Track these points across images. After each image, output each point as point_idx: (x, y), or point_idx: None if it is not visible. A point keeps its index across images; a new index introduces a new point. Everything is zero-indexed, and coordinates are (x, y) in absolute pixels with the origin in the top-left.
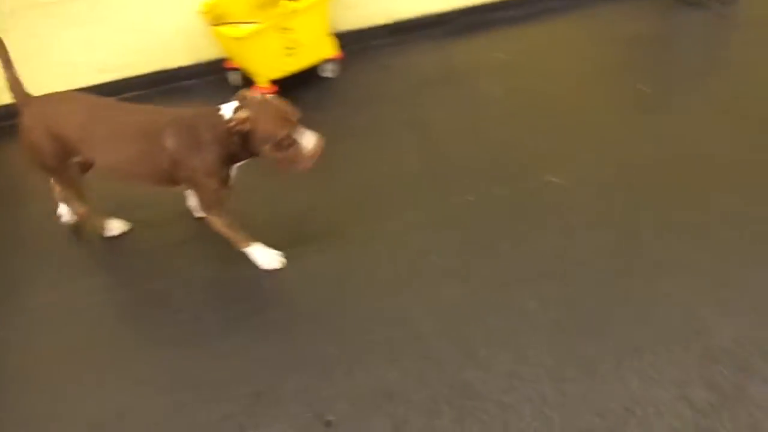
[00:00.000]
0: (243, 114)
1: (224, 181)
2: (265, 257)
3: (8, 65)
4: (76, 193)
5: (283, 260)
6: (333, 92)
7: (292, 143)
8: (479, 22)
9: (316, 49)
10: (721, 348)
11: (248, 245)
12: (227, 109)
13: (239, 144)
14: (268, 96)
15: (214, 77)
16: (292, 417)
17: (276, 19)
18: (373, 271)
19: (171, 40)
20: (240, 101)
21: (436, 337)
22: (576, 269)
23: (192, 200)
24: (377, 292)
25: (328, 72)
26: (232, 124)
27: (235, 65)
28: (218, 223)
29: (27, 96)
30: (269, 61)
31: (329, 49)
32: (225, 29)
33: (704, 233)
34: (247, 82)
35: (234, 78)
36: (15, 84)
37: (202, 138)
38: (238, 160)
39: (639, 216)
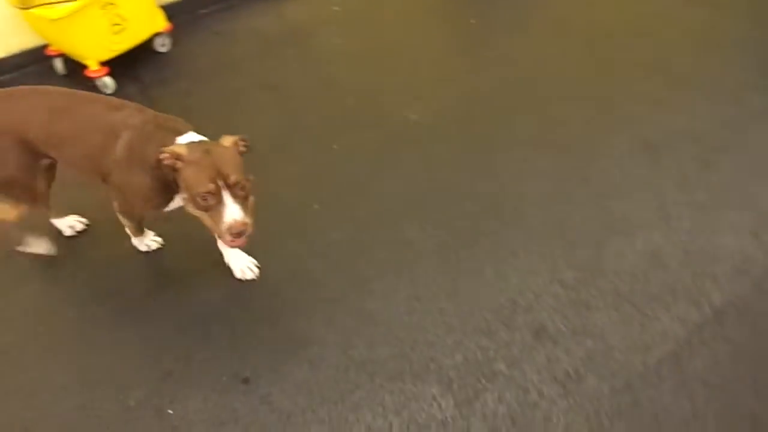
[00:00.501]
0: (178, 149)
1: (157, 205)
2: (143, 244)
3: None
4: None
5: (158, 241)
6: (171, 66)
7: (214, 207)
8: None
9: (145, 23)
10: (577, 237)
11: (141, 234)
12: (184, 138)
13: (171, 178)
14: (228, 148)
15: (37, 67)
16: (208, 384)
17: None
18: (258, 228)
19: None
20: (200, 141)
21: (332, 280)
22: (444, 194)
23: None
24: (266, 248)
25: (162, 46)
26: (162, 155)
27: (57, 51)
28: (125, 223)
29: None
30: (96, 40)
31: (158, 23)
32: (38, 11)
33: (547, 142)
34: (75, 67)
35: (59, 65)
36: None
37: (147, 156)
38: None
39: (492, 135)
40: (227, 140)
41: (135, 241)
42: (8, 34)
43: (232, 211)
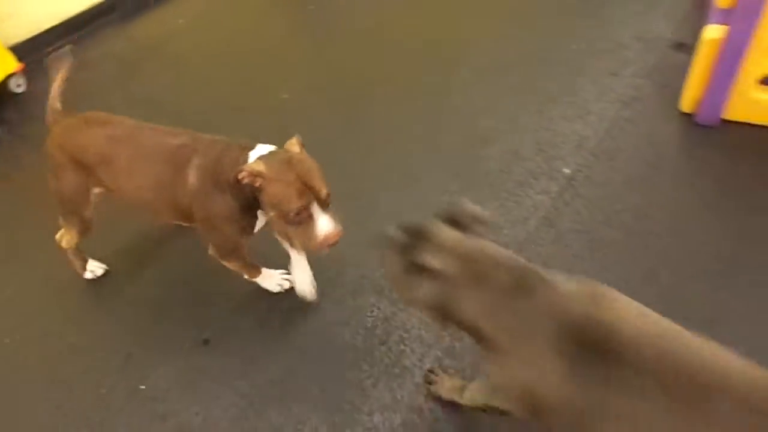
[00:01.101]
0: (257, 167)
1: (245, 229)
2: (273, 281)
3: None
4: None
5: (286, 280)
6: (35, 103)
7: (304, 221)
8: (143, 3)
9: None
10: (452, 152)
11: (257, 274)
12: (256, 153)
13: (252, 197)
14: (304, 156)
15: None
16: (170, 354)
17: None
18: None
19: None
20: (271, 152)
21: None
22: (324, 149)
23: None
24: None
25: (18, 87)
26: (240, 174)
27: None
28: (232, 266)
29: (57, 114)
30: None
31: (9, 64)
32: None
33: (405, 93)
34: None
35: None
36: (53, 103)
37: (224, 177)
38: (252, 216)
39: (355, 97)
40: (294, 145)
41: (263, 283)
42: None
43: (327, 224)
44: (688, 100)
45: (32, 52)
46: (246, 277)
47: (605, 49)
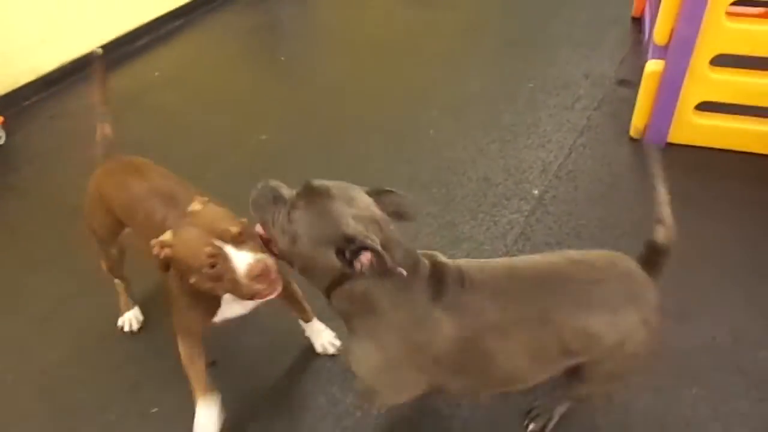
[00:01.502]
0: (166, 237)
1: (205, 310)
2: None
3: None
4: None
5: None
6: (16, 154)
7: (224, 269)
8: (121, 54)
9: None
10: (429, 182)
11: (201, 397)
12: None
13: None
14: (206, 208)
15: None
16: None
17: None
18: None
19: None
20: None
21: None
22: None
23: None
24: None
25: None
26: (154, 251)
27: None
28: (180, 351)
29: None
30: None
31: None
32: None
33: (375, 127)
34: None
35: None
36: (105, 141)
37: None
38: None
39: (329, 135)
40: (196, 204)
41: (197, 410)
42: None
43: (244, 257)
44: (636, 127)
45: (9, 106)
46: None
47: (557, 86)
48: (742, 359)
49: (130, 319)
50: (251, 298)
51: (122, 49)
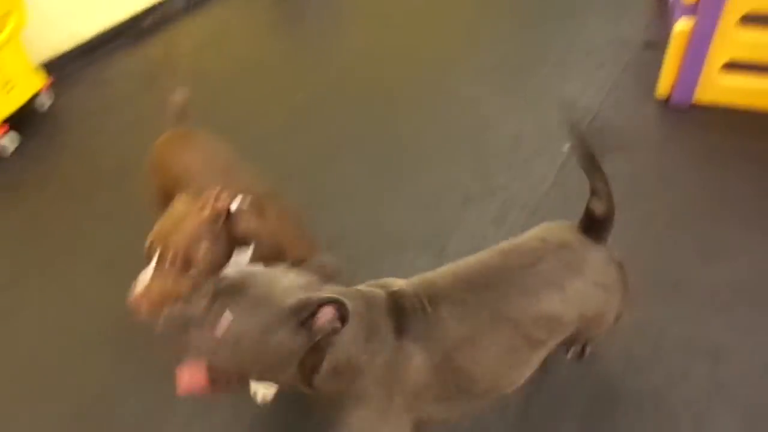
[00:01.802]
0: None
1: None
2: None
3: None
4: None
5: None
6: (63, 115)
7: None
8: (155, 21)
9: (29, 81)
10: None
11: None
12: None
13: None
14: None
15: None
16: None
17: None
18: None
19: None
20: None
21: None
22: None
23: None
24: None
25: (44, 103)
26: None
27: None
28: None
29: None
30: None
31: (40, 80)
32: None
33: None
34: None
35: None
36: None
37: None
38: None
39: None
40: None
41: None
42: None
43: (143, 275)
44: (663, 87)
45: (56, 70)
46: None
47: (584, 50)
48: (763, 295)
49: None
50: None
51: (156, 17)
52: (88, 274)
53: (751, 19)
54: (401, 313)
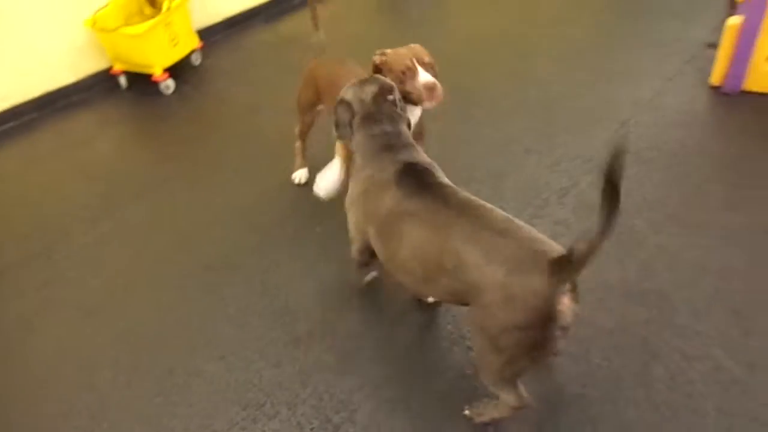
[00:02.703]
0: (382, 53)
1: None
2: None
3: (316, 26)
4: (303, 145)
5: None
6: (207, 72)
7: (410, 77)
8: (287, 8)
9: (189, 40)
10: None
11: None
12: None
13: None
14: (413, 46)
15: (100, 87)
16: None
17: (164, 15)
18: None
19: (53, 61)
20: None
21: None
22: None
23: None
24: None
25: (196, 60)
26: (375, 58)
27: (120, 70)
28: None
29: (322, 53)
30: (163, 51)
31: (195, 41)
32: (126, 29)
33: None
34: (134, 81)
35: (123, 81)
36: (318, 42)
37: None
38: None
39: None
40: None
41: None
42: (78, 61)
43: (424, 74)
44: (716, 75)
45: (208, 35)
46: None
47: (655, 44)
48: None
49: (300, 174)
50: (419, 102)
51: (286, 4)
52: (222, 177)
53: None
54: (410, 170)
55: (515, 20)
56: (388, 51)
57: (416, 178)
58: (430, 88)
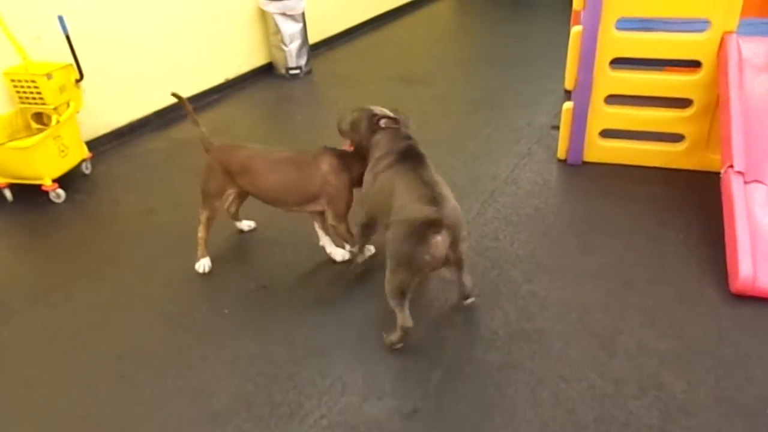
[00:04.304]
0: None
1: (352, 196)
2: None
3: (196, 123)
4: (207, 234)
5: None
6: (100, 180)
7: None
8: (172, 117)
9: (77, 151)
10: None
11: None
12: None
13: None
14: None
15: None
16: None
17: (52, 129)
18: None
19: None
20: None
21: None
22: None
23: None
24: None
25: (86, 169)
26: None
27: (5, 183)
28: (344, 229)
29: (210, 143)
30: (52, 163)
31: (84, 151)
32: (13, 143)
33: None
34: (21, 193)
35: (8, 194)
36: (203, 136)
37: (351, 164)
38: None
39: None
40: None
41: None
42: None
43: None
44: (561, 150)
45: (97, 146)
46: (347, 246)
47: (507, 130)
48: (618, 274)
49: (204, 263)
50: None
51: (175, 113)
52: (123, 273)
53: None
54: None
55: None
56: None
57: (410, 154)
58: None
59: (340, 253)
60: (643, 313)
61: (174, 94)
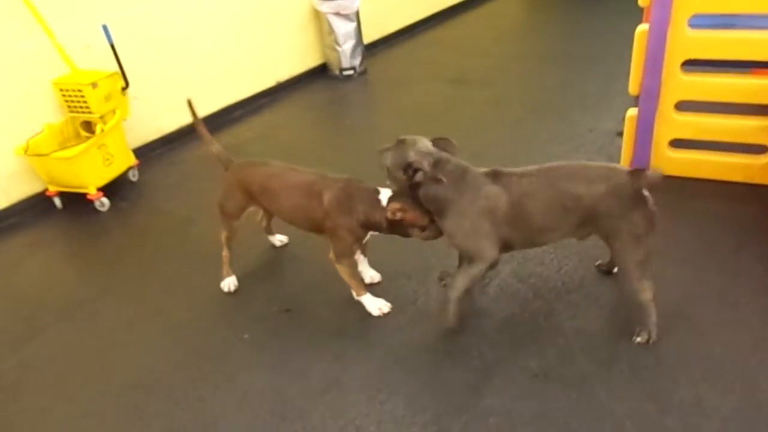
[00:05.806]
0: (396, 206)
1: (359, 239)
2: (374, 304)
3: (211, 142)
4: (230, 253)
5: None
6: (143, 188)
7: (430, 227)
8: (221, 121)
9: (123, 159)
10: None
11: (363, 294)
12: (384, 195)
13: (387, 226)
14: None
15: (34, 210)
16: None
17: (95, 139)
18: None
19: None
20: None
21: None
22: None
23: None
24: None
25: (133, 176)
26: (389, 215)
27: (55, 191)
28: (344, 271)
29: (230, 161)
30: (96, 172)
31: (131, 159)
32: (58, 154)
33: None
34: (69, 201)
35: (58, 202)
36: (221, 154)
37: (353, 205)
38: (377, 231)
39: None
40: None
41: (367, 304)
42: (9, 187)
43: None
44: (624, 161)
45: (144, 153)
46: (353, 293)
47: (567, 137)
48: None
49: (229, 282)
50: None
51: (224, 117)
52: (150, 292)
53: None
54: (497, 174)
55: (438, 128)
56: (399, 205)
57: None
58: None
59: (369, 275)
60: (707, 362)
61: (190, 107)
